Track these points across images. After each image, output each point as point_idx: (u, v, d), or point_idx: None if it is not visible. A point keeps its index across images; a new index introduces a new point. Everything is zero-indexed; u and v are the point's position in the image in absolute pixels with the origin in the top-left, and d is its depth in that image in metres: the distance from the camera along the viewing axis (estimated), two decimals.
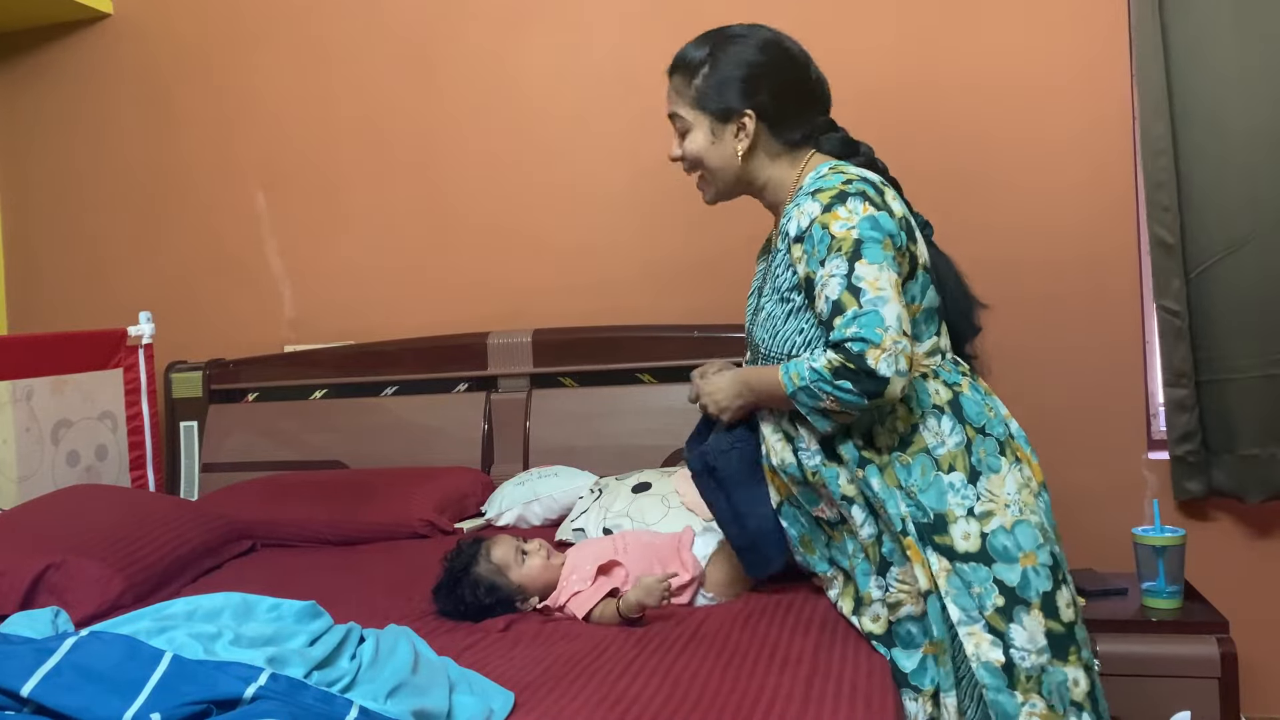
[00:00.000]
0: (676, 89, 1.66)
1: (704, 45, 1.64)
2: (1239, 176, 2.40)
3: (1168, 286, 2.44)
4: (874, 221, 1.47)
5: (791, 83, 1.63)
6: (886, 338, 1.41)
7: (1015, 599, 1.45)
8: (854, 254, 1.45)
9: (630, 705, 1.34)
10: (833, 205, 1.49)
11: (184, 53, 3.28)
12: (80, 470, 2.82)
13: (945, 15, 2.68)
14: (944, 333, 1.61)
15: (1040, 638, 1.45)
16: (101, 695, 1.14)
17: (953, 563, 1.47)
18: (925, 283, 1.55)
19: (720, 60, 1.61)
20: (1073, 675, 1.46)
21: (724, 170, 1.65)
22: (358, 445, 2.95)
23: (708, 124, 1.62)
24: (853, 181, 1.52)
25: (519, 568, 1.83)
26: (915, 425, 1.52)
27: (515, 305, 2.99)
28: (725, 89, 1.60)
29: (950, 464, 1.50)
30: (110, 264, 3.38)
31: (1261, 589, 2.50)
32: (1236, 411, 2.44)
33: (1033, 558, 1.46)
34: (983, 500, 1.48)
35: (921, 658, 1.52)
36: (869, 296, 1.43)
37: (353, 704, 1.20)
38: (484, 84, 3.02)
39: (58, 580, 1.99)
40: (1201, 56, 2.41)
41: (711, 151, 1.63)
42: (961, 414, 1.52)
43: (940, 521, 1.48)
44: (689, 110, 1.64)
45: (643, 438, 2.69)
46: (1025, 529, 1.48)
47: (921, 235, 1.61)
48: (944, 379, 1.55)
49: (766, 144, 1.62)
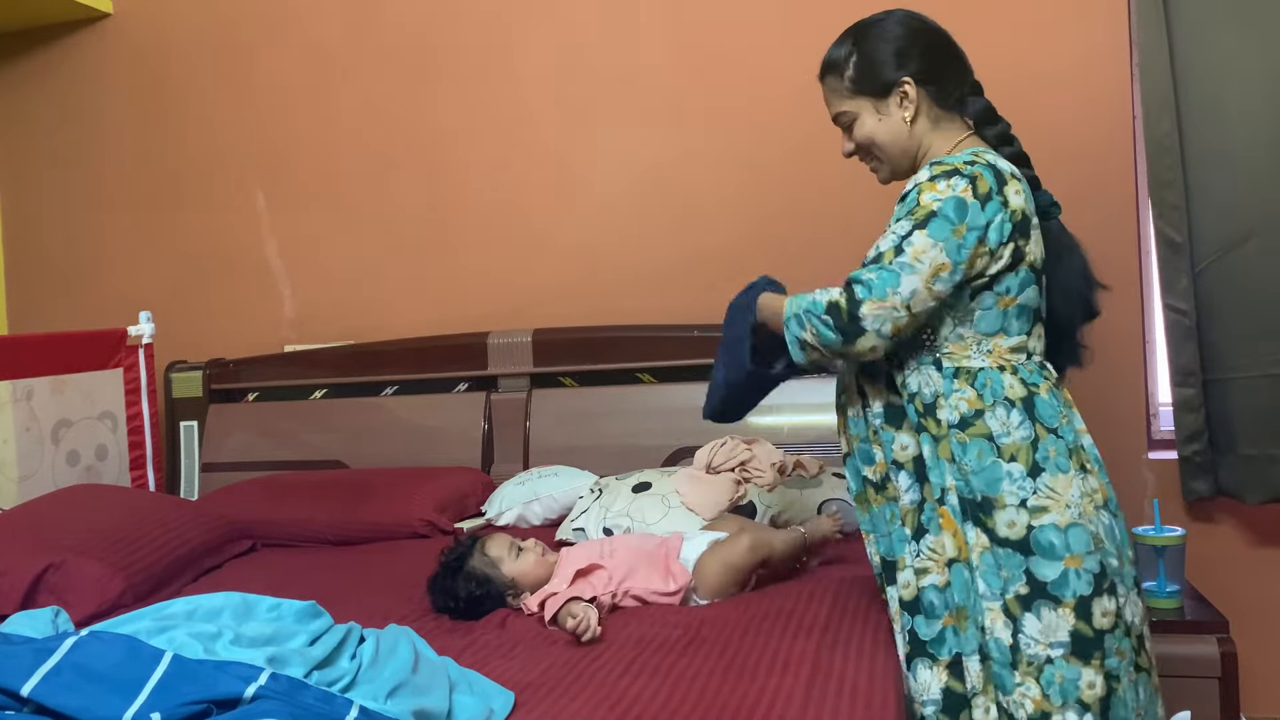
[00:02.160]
0: (831, 89, 1.68)
1: (845, 40, 1.67)
2: (1240, 176, 2.40)
3: (1175, 285, 2.43)
4: (960, 204, 1.48)
5: (939, 46, 1.65)
6: (890, 299, 1.46)
7: (1043, 593, 1.47)
8: (921, 222, 1.48)
9: (630, 705, 1.34)
10: (938, 178, 1.51)
11: (184, 53, 3.28)
12: (80, 470, 2.82)
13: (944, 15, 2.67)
14: (1036, 335, 1.59)
15: (1060, 634, 1.46)
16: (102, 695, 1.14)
17: (991, 544, 1.50)
18: (1028, 280, 1.55)
19: (864, 46, 1.63)
20: (1089, 677, 1.47)
21: (894, 143, 1.64)
22: (358, 445, 2.95)
23: (870, 105, 1.63)
24: (975, 164, 1.52)
25: (512, 562, 1.84)
26: (980, 411, 1.52)
27: (515, 305, 2.99)
28: (877, 67, 1.62)
29: (1013, 454, 1.50)
30: (110, 264, 3.38)
31: (1261, 589, 2.50)
32: (1239, 411, 2.43)
33: (1078, 560, 1.47)
34: (1040, 495, 1.49)
35: (941, 628, 1.54)
36: (903, 260, 1.47)
37: (353, 704, 1.20)
38: (484, 84, 3.02)
39: (58, 580, 1.99)
40: (1204, 54, 2.41)
41: (880, 129, 1.63)
42: (1034, 411, 1.52)
43: (987, 504, 1.50)
44: (849, 101, 1.65)
45: (643, 438, 2.69)
46: (1079, 532, 1.48)
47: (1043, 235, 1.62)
48: (1022, 376, 1.54)
49: (929, 109, 1.62)
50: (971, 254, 1.48)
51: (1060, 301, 1.64)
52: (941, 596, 1.54)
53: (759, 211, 2.80)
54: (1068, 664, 1.46)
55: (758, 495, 2.20)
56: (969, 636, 1.51)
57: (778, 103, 2.79)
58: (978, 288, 1.52)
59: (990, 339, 1.54)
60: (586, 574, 1.79)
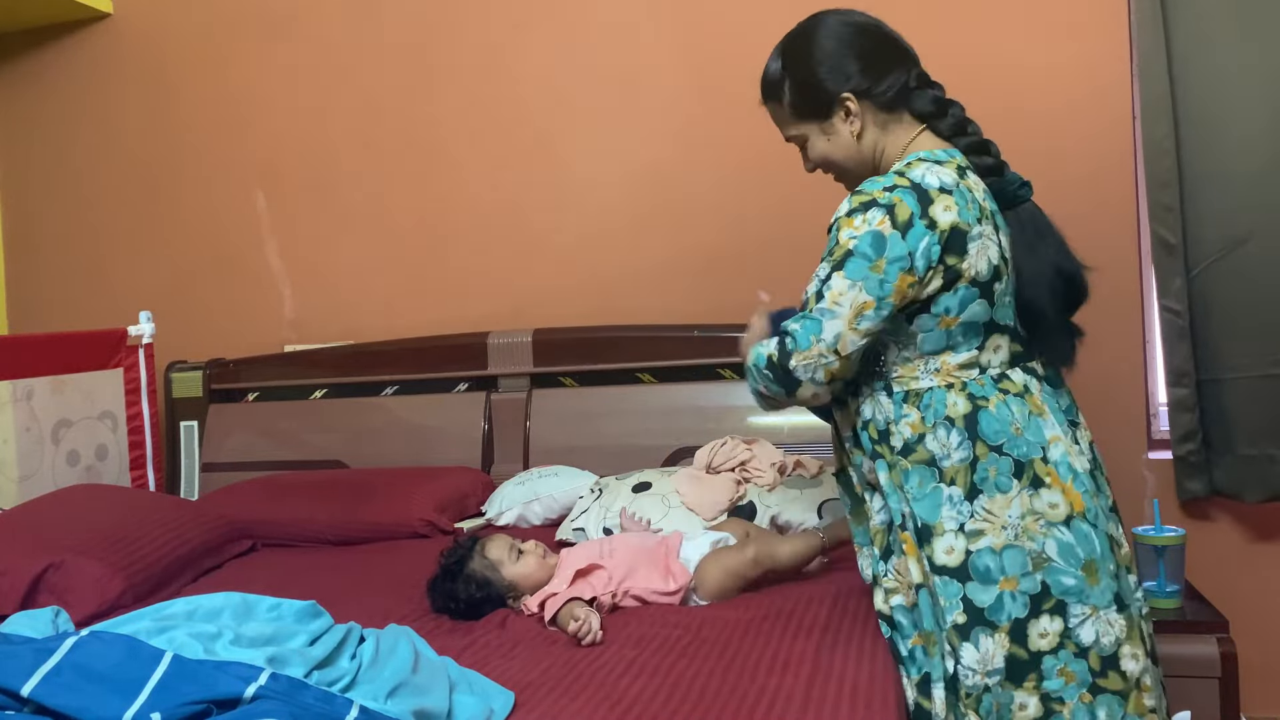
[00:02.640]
0: (775, 114, 1.68)
1: (775, 60, 1.65)
2: (1238, 177, 2.40)
3: (1170, 286, 2.44)
4: (877, 238, 1.45)
5: (872, 47, 1.60)
6: (815, 348, 1.47)
7: (980, 619, 1.45)
8: (839, 263, 1.47)
9: (630, 705, 1.34)
10: (855, 211, 1.48)
11: (184, 53, 3.28)
12: (80, 470, 2.82)
13: (944, 15, 2.68)
14: (992, 347, 1.53)
15: (997, 660, 1.44)
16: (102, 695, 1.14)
17: (930, 573, 1.49)
18: (969, 296, 1.49)
19: (796, 71, 1.61)
20: (1020, 700, 1.45)
21: (849, 158, 1.63)
22: (358, 445, 2.95)
23: (816, 127, 1.62)
24: (895, 189, 1.48)
25: (512, 564, 1.83)
26: (923, 435, 1.50)
27: (515, 305, 2.99)
28: (814, 90, 1.59)
29: (952, 478, 1.48)
30: (110, 264, 3.38)
31: (1261, 589, 2.50)
32: (1236, 411, 2.44)
33: (1013, 583, 1.45)
34: (976, 518, 1.47)
35: (911, 647, 1.55)
36: (823, 306, 1.47)
37: (353, 703, 1.20)
38: (484, 84, 3.02)
39: (58, 580, 1.99)
40: (1202, 56, 2.41)
41: (832, 147, 1.63)
42: (975, 430, 1.48)
43: (927, 531, 1.49)
44: (795, 126, 1.65)
45: (643, 438, 2.69)
46: (1014, 554, 1.45)
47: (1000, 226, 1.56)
48: (970, 391, 1.50)
49: (874, 115, 1.59)
50: (896, 286, 1.45)
51: (1035, 294, 1.55)
52: (909, 616, 1.54)
53: (759, 211, 2.80)
54: (1002, 690, 1.45)
55: (758, 495, 2.20)
56: (936, 661, 1.51)
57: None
58: (913, 313, 1.49)
59: (937, 357, 1.52)
60: (586, 574, 1.79)
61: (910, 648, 1.54)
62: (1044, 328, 1.56)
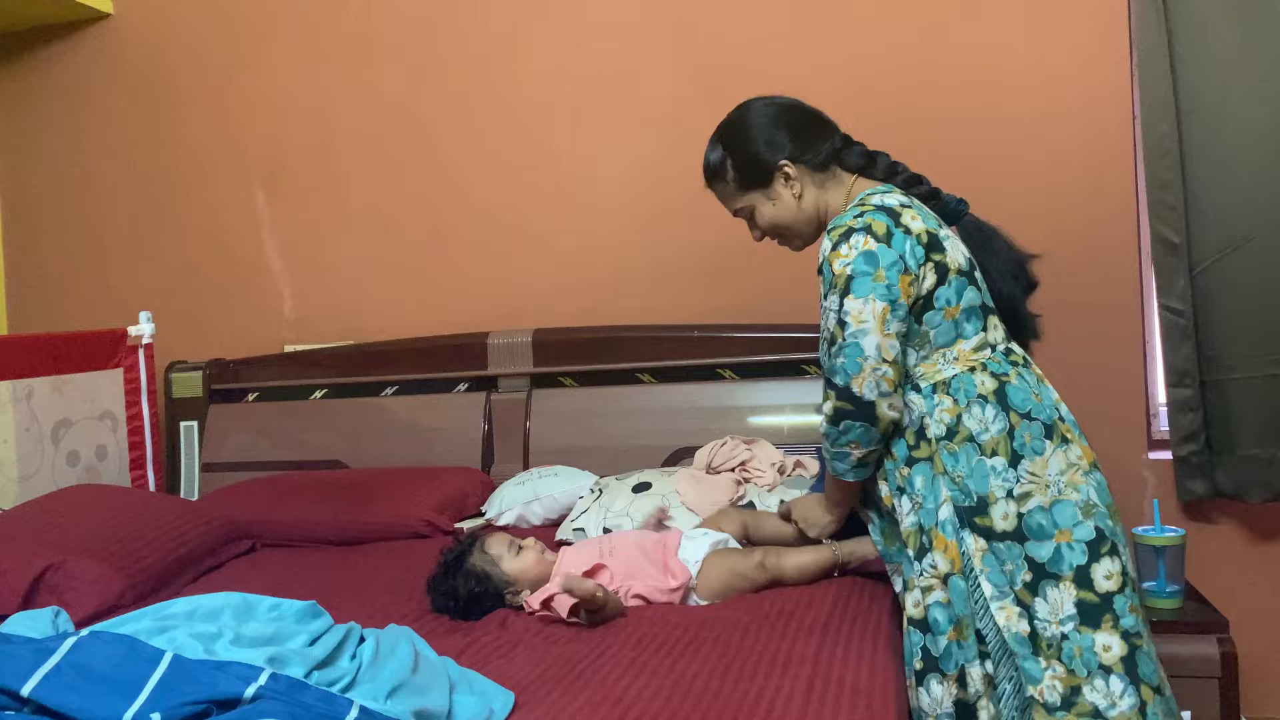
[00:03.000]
0: (721, 193, 1.85)
1: (715, 147, 1.82)
2: (1239, 176, 2.40)
3: (1172, 286, 2.44)
4: (868, 255, 1.59)
5: (798, 120, 1.78)
6: (866, 365, 1.59)
7: (1044, 574, 1.55)
8: (845, 289, 1.60)
9: (631, 705, 1.34)
10: (838, 244, 1.62)
11: (184, 53, 3.28)
12: (80, 470, 2.82)
13: (945, 16, 2.68)
14: (993, 326, 1.69)
15: (1067, 607, 1.53)
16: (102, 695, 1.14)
17: (989, 542, 1.57)
18: (961, 285, 1.65)
19: (734, 149, 1.78)
20: (1103, 641, 1.52)
21: (794, 219, 1.78)
22: (358, 445, 2.95)
23: (760, 195, 1.78)
24: (864, 214, 1.63)
25: (512, 560, 1.84)
26: (959, 416, 1.62)
27: (515, 305, 2.99)
28: (753, 162, 1.76)
29: (993, 449, 1.59)
30: (111, 264, 3.38)
31: (1261, 589, 2.50)
32: (1237, 412, 2.44)
33: (1068, 534, 1.55)
34: (1023, 482, 1.58)
35: (946, 643, 1.60)
36: (851, 329, 1.59)
37: (353, 703, 1.20)
38: (484, 84, 3.02)
39: (58, 580, 1.99)
40: (1203, 55, 2.41)
41: (777, 212, 1.78)
42: (1006, 402, 1.61)
43: (982, 504, 1.58)
44: (742, 198, 1.81)
45: (643, 438, 2.69)
46: (1064, 507, 1.56)
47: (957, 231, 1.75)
48: (991, 370, 1.64)
49: (810, 177, 1.76)
50: (900, 285, 1.59)
51: (1000, 285, 1.74)
52: (945, 612, 1.60)
53: None
54: (1080, 634, 1.53)
55: (758, 495, 2.20)
56: (969, 644, 1.58)
57: None
58: (919, 311, 1.63)
59: (952, 348, 1.65)
60: (592, 575, 1.79)
61: (946, 644, 1.59)
62: (1018, 315, 1.76)
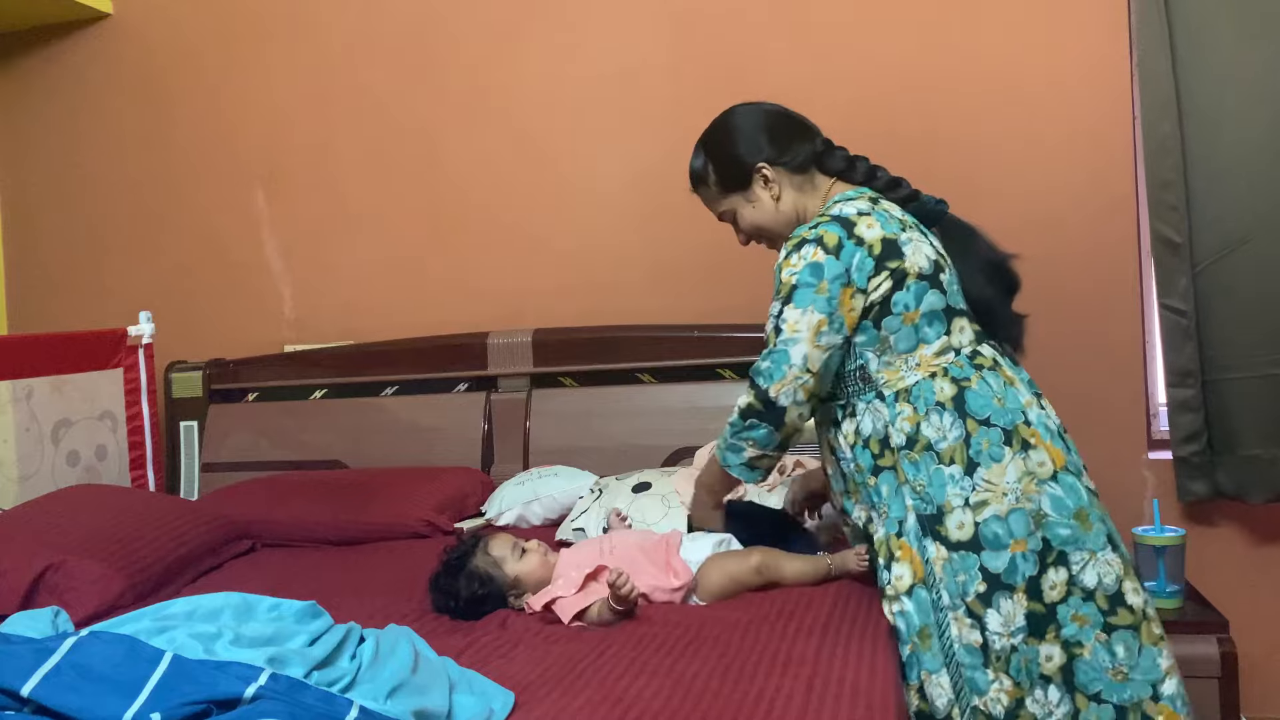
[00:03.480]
0: (705, 197, 1.87)
1: (699, 152, 1.84)
2: (1239, 177, 2.40)
3: (1173, 286, 2.44)
4: (814, 267, 1.62)
5: (778, 125, 1.80)
6: (789, 373, 1.62)
7: (998, 584, 1.56)
8: (787, 298, 1.64)
9: (631, 705, 1.34)
10: (790, 253, 1.66)
11: (183, 53, 3.28)
12: (80, 470, 2.82)
13: (944, 15, 2.68)
14: (958, 329, 1.68)
15: (1019, 619, 1.55)
16: (101, 695, 1.14)
17: (948, 551, 1.59)
18: (921, 290, 1.65)
19: (716, 152, 1.81)
20: (1046, 651, 1.55)
21: (774, 221, 1.80)
22: (358, 445, 2.95)
23: (741, 198, 1.81)
24: (819, 225, 1.66)
25: (516, 562, 1.83)
26: (918, 424, 1.62)
27: (515, 305, 2.99)
28: (733, 165, 1.79)
29: (950, 457, 1.60)
30: (110, 264, 3.38)
31: (1261, 589, 2.50)
32: (1238, 412, 2.43)
33: (1022, 544, 1.56)
34: (979, 490, 1.58)
35: (909, 653, 1.61)
36: (784, 337, 1.63)
37: (353, 704, 1.20)
38: (484, 84, 3.02)
39: (58, 580, 1.99)
40: (1204, 54, 2.41)
41: (757, 214, 1.80)
42: (964, 408, 1.61)
43: (940, 512, 1.60)
44: (724, 201, 1.83)
45: (643, 438, 2.69)
46: (1019, 517, 1.57)
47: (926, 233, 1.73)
48: (952, 375, 1.63)
49: (789, 179, 1.78)
50: (841, 298, 1.62)
51: (975, 287, 1.73)
52: (905, 621, 1.62)
53: None
54: (1028, 645, 1.55)
55: (758, 495, 2.20)
56: (934, 653, 1.59)
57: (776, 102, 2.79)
58: (877, 316, 1.64)
59: (914, 354, 1.65)
60: (595, 576, 1.79)
61: (909, 654, 1.61)
62: (996, 317, 1.74)
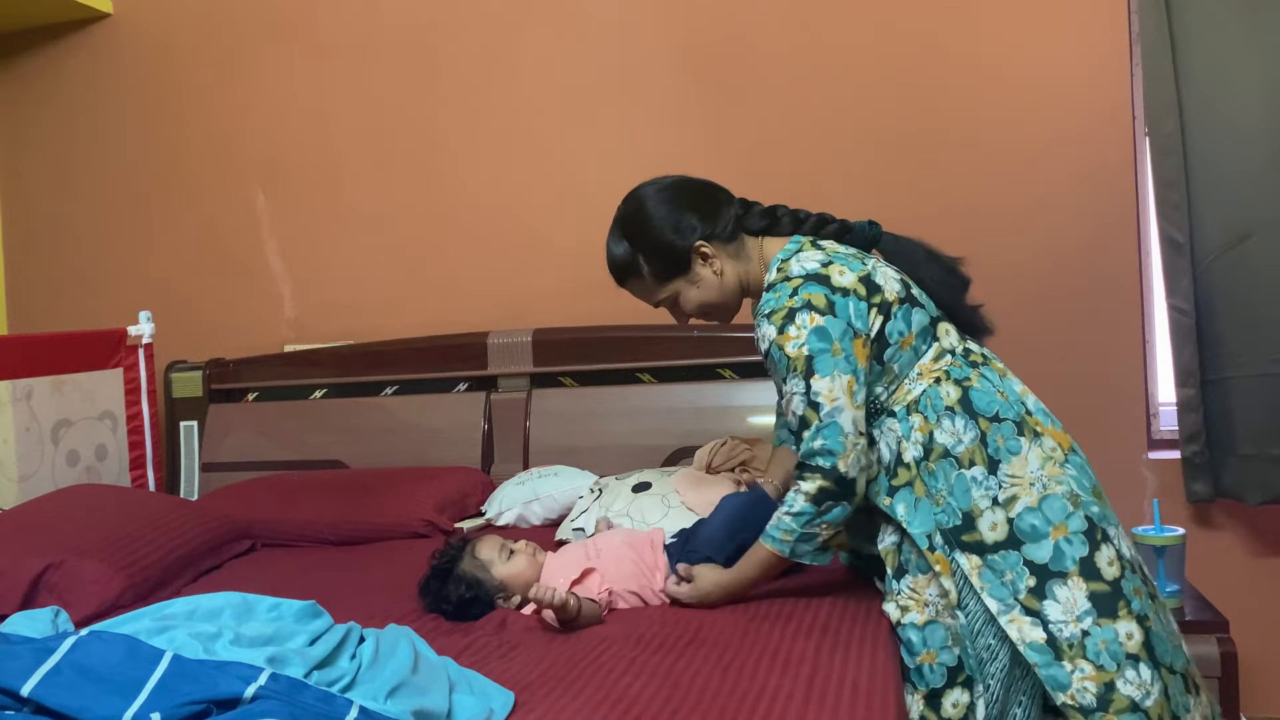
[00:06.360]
0: (639, 290, 1.80)
1: (619, 243, 1.76)
2: (1241, 176, 2.40)
3: (1178, 285, 2.43)
4: (820, 332, 1.59)
5: (698, 199, 1.74)
6: (847, 443, 1.57)
7: (1048, 574, 1.53)
8: (808, 371, 1.59)
9: (631, 705, 1.34)
10: (784, 327, 1.61)
11: (183, 53, 3.28)
12: (80, 470, 2.82)
13: (945, 15, 2.68)
14: (944, 331, 1.70)
15: (1081, 603, 1.51)
16: (101, 695, 1.14)
17: (983, 556, 1.56)
18: (906, 312, 1.66)
19: (645, 243, 1.73)
20: (1124, 630, 1.51)
21: (719, 296, 1.76)
22: (358, 445, 2.95)
23: (682, 281, 1.75)
24: (797, 290, 1.62)
25: (503, 564, 1.83)
26: (931, 432, 1.61)
27: (515, 305, 2.99)
28: (669, 252, 1.72)
29: (970, 459, 1.59)
30: (110, 264, 3.38)
31: (1261, 589, 2.50)
32: (1237, 412, 2.43)
33: (1063, 528, 1.54)
34: (1005, 487, 1.57)
35: (919, 663, 1.60)
36: (826, 410, 1.58)
37: (353, 704, 1.20)
38: (484, 84, 3.02)
39: (58, 580, 1.99)
40: (1206, 55, 2.41)
41: (704, 293, 1.76)
42: (972, 409, 1.61)
43: (968, 519, 1.58)
44: (663, 290, 1.77)
45: (643, 438, 2.69)
46: (1052, 502, 1.55)
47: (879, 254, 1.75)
48: (954, 377, 1.64)
49: (724, 250, 1.74)
50: (856, 351, 1.60)
51: (939, 291, 1.74)
52: (920, 634, 1.59)
53: None
54: (1101, 628, 1.50)
55: None
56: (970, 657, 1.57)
57: (777, 101, 2.79)
58: (877, 353, 1.63)
59: (914, 366, 1.66)
60: (581, 580, 1.78)
61: (919, 664, 1.59)
62: (958, 316, 1.75)
